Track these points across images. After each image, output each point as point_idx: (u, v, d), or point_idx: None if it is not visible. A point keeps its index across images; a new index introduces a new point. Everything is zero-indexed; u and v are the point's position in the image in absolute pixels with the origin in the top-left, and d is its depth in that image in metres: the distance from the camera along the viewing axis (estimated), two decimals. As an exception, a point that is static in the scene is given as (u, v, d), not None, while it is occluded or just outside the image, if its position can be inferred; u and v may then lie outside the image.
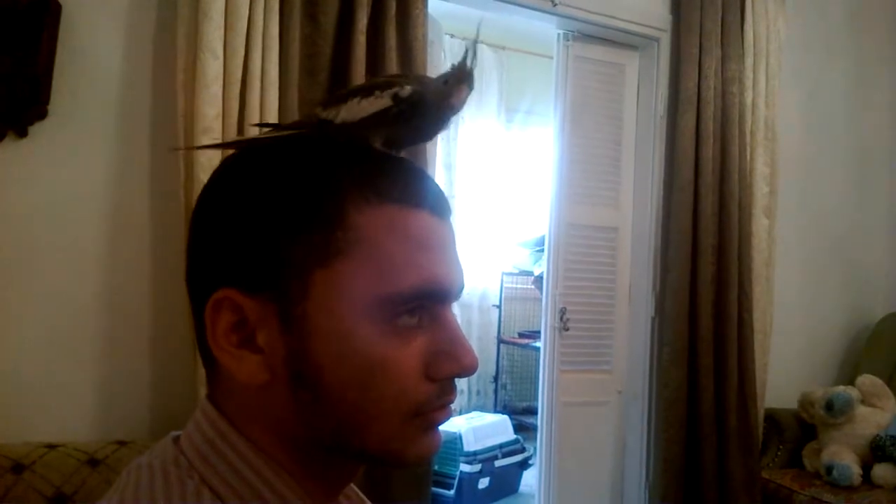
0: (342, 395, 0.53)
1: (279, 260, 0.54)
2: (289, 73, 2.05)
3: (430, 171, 2.40)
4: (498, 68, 5.13)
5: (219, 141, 1.86)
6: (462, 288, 0.60)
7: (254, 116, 1.93)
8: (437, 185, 0.61)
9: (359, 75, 2.12)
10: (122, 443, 1.74)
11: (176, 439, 0.57)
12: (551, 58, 2.96)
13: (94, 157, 1.98)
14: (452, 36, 4.80)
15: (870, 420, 2.83)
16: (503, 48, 5.08)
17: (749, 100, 2.97)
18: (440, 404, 0.57)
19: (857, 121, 3.56)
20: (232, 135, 1.91)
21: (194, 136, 1.87)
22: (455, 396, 0.58)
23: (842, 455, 2.77)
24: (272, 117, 1.96)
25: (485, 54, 5.09)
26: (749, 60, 2.97)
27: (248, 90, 1.94)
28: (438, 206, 0.58)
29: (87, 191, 1.97)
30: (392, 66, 2.20)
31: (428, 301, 0.56)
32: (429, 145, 2.36)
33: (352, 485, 0.65)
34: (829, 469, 2.74)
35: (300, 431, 0.55)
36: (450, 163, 4.84)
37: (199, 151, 1.85)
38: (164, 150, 1.99)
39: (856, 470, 2.71)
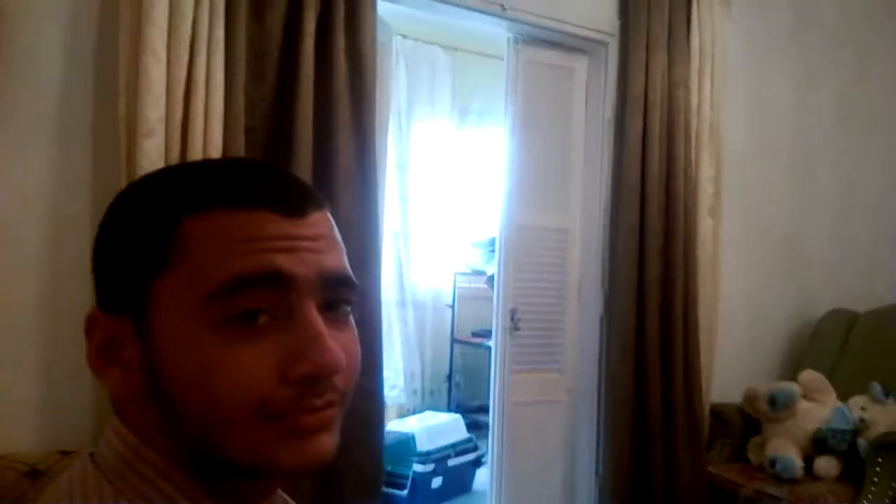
0: (189, 402, 0.53)
1: (126, 278, 0.56)
2: (235, 76, 2.03)
3: (380, 173, 2.39)
4: (451, 69, 5.14)
5: (162, 144, 1.84)
6: (338, 280, 0.57)
7: (198, 120, 1.91)
8: (288, 181, 0.60)
9: (307, 78, 2.12)
10: (65, 453, 1.71)
11: (91, 455, 0.57)
12: (503, 59, 2.98)
13: (34, 159, 1.94)
14: (405, 37, 4.81)
15: (811, 414, 2.91)
16: (456, 49, 5.10)
17: (695, 103, 3.03)
18: (305, 407, 0.54)
19: (800, 123, 3.65)
20: (176, 139, 1.88)
21: (137, 140, 1.84)
22: (328, 399, 0.55)
23: (785, 449, 2.84)
24: (217, 120, 1.95)
25: (438, 55, 5.10)
26: (695, 64, 3.03)
27: (193, 93, 1.92)
28: (284, 202, 0.57)
29: (27, 194, 1.93)
30: (341, 68, 2.19)
31: (259, 288, 0.53)
32: (379, 146, 2.36)
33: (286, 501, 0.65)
34: (773, 462, 2.81)
35: (174, 445, 0.55)
36: (403, 163, 4.84)
37: (143, 156, 1.83)
38: (106, 154, 1.95)
39: (798, 463, 2.78)
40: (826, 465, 2.78)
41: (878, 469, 2.56)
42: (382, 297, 2.44)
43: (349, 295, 0.59)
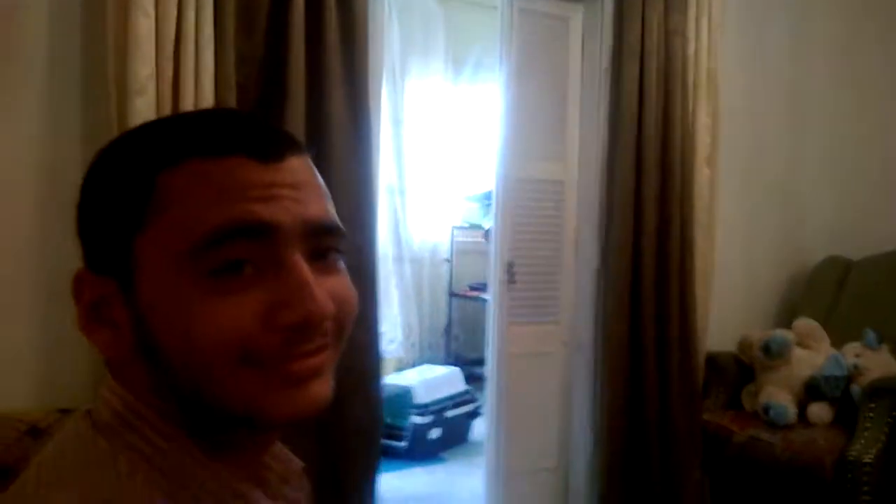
0: (177, 355, 0.53)
1: (108, 237, 0.56)
2: (224, 30, 2.00)
3: (374, 127, 2.37)
4: (444, 21, 5.07)
5: (153, 102, 1.82)
6: (324, 228, 0.57)
7: (189, 76, 1.88)
8: (263, 127, 0.59)
9: (297, 31, 2.09)
10: (64, 411, 1.73)
11: (89, 412, 0.58)
12: (498, 9, 2.94)
13: (24, 120, 1.92)
14: (398, -12, 4.73)
15: (805, 362, 2.94)
16: (449, 0, 5.02)
17: (692, 51, 2.99)
18: (293, 353, 0.54)
19: (795, 71, 3.62)
20: (167, 96, 1.86)
21: (127, 98, 1.82)
22: (318, 344, 0.55)
23: (778, 396, 2.88)
24: (208, 76, 1.93)
25: (431, 7, 5.02)
26: (692, 12, 2.98)
27: (183, 49, 1.90)
28: (259, 147, 0.55)
29: (18, 154, 1.92)
30: (332, 20, 2.16)
31: (242, 239, 0.53)
32: (373, 99, 2.34)
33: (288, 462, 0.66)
34: (767, 409, 2.85)
35: (169, 401, 0.55)
36: (398, 118, 4.80)
37: (134, 114, 1.81)
38: (97, 113, 1.93)
39: (792, 409, 2.83)
40: (819, 411, 2.82)
41: (870, 415, 2.60)
42: (379, 253, 2.44)
43: (336, 243, 0.59)
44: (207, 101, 1.91)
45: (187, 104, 1.90)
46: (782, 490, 2.74)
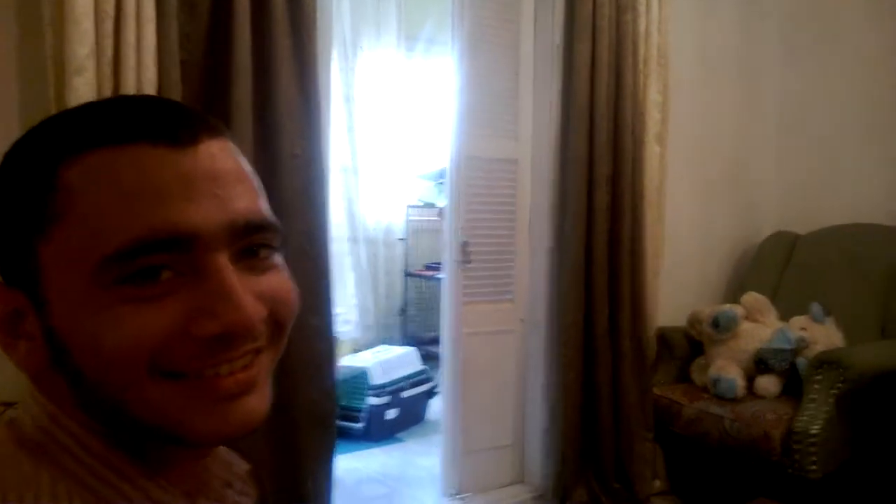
0: (91, 369, 0.49)
1: (12, 244, 0.51)
2: (166, 6, 1.93)
3: (324, 105, 2.33)
4: (396, -5, 5.00)
5: (93, 81, 1.76)
6: (251, 226, 0.52)
7: (130, 54, 1.82)
8: (171, 107, 0.53)
9: (243, 6, 2.02)
10: (8, 404, 1.67)
11: (12, 422, 0.54)
12: (449, -16, 2.90)
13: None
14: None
15: (753, 335, 3.00)
16: (400, -26, 4.95)
17: (642, 27, 3.00)
18: (218, 366, 0.50)
19: (745, 48, 3.66)
20: (108, 75, 1.79)
21: (66, 77, 1.75)
22: (247, 350, 0.51)
23: (727, 369, 2.94)
24: (150, 54, 1.86)
25: (382, -20, 4.94)
26: (643, -13, 2.99)
27: (123, 26, 1.82)
28: (167, 130, 0.50)
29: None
30: (280, 13, 2.10)
31: (157, 251, 0.48)
32: (322, 76, 2.29)
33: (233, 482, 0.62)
34: (716, 382, 2.91)
35: (91, 414, 0.52)
36: (349, 95, 4.73)
37: (73, 94, 1.74)
38: (34, 94, 1.86)
39: (740, 382, 2.88)
40: (767, 384, 2.88)
41: (816, 386, 2.66)
42: (333, 234, 2.41)
43: (269, 238, 0.54)
44: (150, 79, 1.84)
45: (129, 83, 1.84)
46: (732, 461, 2.81)
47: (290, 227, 2.12)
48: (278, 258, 0.56)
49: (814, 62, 3.73)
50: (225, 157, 0.53)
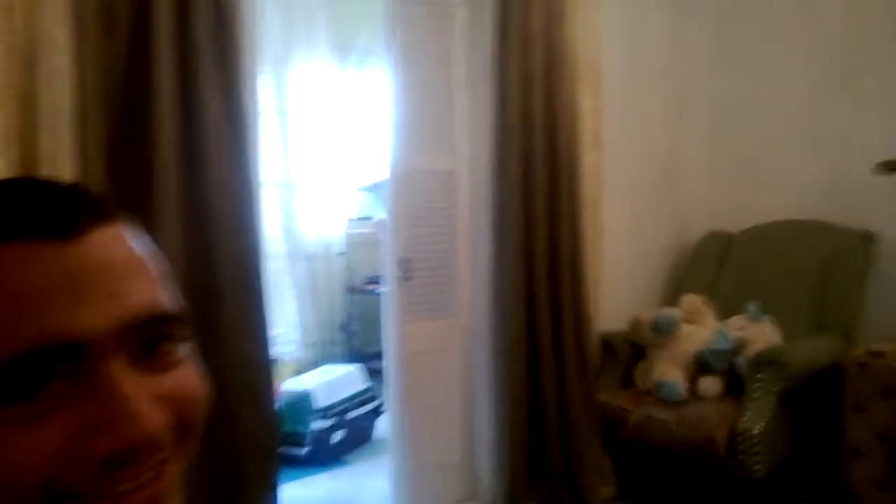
0: None
1: None
2: (83, 31, 1.84)
3: (253, 125, 2.26)
4: (327, 6, 4.92)
5: (4, 114, 1.66)
6: (151, 321, 0.46)
7: (41, 83, 1.73)
8: (50, 193, 0.47)
9: (164, 28, 1.95)
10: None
11: None
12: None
13: None
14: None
15: (693, 337, 3.04)
16: (332, -17, 4.88)
17: (573, 37, 3.01)
18: (117, 486, 0.44)
19: (674, 51, 3.72)
20: (18, 107, 1.70)
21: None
22: (151, 464, 0.45)
23: (670, 372, 2.97)
24: (64, 83, 1.77)
25: (311, -11, 4.87)
26: (571, -5, 3.01)
27: (38, 56, 1.73)
28: (49, 223, 0.44)
29: None
30: (201, 15, 2.03)
31: (41, 364, 0.42)
32: (250, 96, 2.23)
33: None
34: (659, 386, 2.94)
35: None
36: (282, 109, 4.64)
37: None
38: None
39: (683, 385, 2.91)
40: (709, 385, 2.92)
41: (757, 385, 2.71)
42: (270, 252, 2.34)
43: (172, 331, 0.49)
44: (63, 109, 1.76)
45: (44, 113, 1.75)
46: (679, 464, 2.83)
47: (222, 254, 2.05)
48: (186, 350, 0.51)
49: (741, 64, 3.80)
50: (117, 245, 0.47)
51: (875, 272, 3.19)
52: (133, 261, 0.48)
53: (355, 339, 4.97)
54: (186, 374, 0.50)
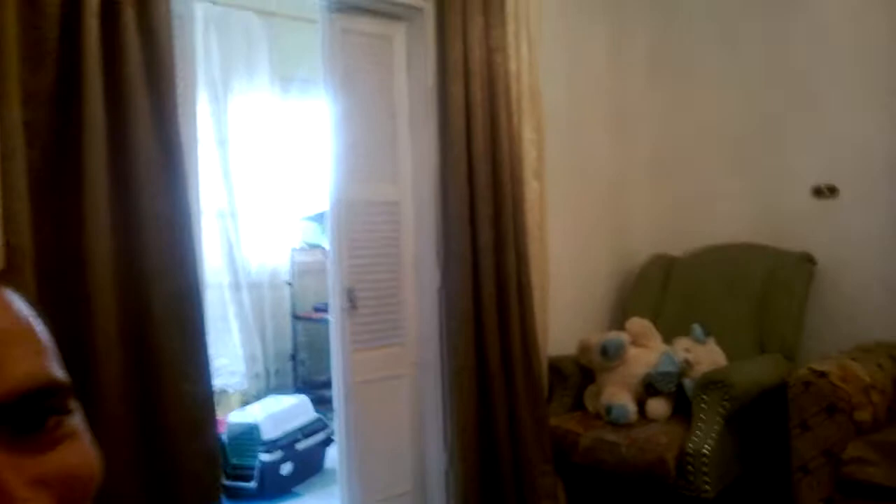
0: None
1: None
2: (6, 61, 1.78)
3: (190, 156, 2.21)
4: (267, 36, 4.89)
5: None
6: (31, 396, 0.43)
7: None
8: None
9: (93, 62, 1.90)
10: None
11: None
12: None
13: None
14: (214, 3, 4.51)
15: (640, 360, 3.06)
16: (272, 14, 4.85)
17: (514, 67, 3.04)
18: None
19: (614, 80, 3.79)
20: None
21: None
22: None
23: (618, 395, 2.98)
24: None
25: (252, 21, 4.84)
26: (511, 28, 3.03)
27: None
28: None
29: None
30: (133, 48, 1.98)
31: None
32: (186, 128, 2.18)
33: None
34: (609, 409, 2.94)
35: None
36: (223, 139, 4.58)
37: None
38: None
39: (632, 408, 2.93)
40: (657, 407, 2.94)
41: (703, 406, 2.74)
42: (212, 282, 2.28)
43: (57, 403, 0.46)
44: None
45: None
46: (631, 487, 2.84)
47: (159, 292, 1.99)
48: (73, 422, 0.47)
49: (679, 92, 3.89)
50: None
51: (813, 293, 3.28)
52: (15, 330, 0.45)
53: (303, 368, 4.89)
54: (73, 451, 0.46)
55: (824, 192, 3.41)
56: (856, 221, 3.33)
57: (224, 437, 3.41)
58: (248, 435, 3.40)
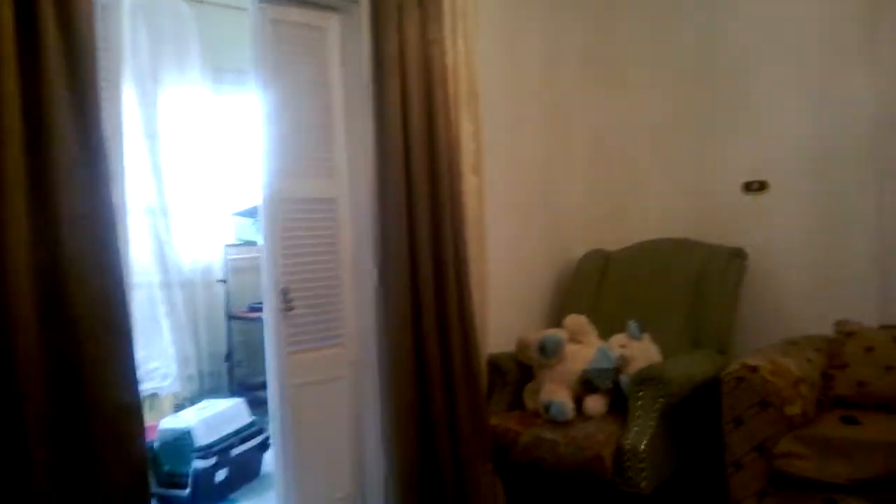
0: None
1: None
2: None
3: (114, 153, 2.11)
4: (198, 25, 4.73)
5: None
6: None
7: None
8: None
9: (7, 56, 1.79)
10: None
11: None
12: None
13: None
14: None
15: (578, 357, 3.07)
16: (201, 2, 4.70)
17: (451, 61, 3.00)
18: None
19: (550, 76, 3.80)
20: None
21: None
22: None
23: (557, 392, 2.98)
24: None
25: (181, 9, 4.67)
26: (448, 22, 3.00)
27: None
28: None
29: None
30: (50, 40, 1.87)
31: None
32: (109, 123, 2.08)
33: None
34: (547, 407, 2.94)
35: None
36: (152, 132, 4.42)
37: None
38: None
39: (570, 405, 2.93)
40: (594, 403, 2.95)
41: (639, 403, 2.76)
42: (143, 281, 2.18)
43: None
44: None
45: None
46: (570, 484, 2.84)
47: (80, 295, 1.89)
48: None
49: (613, 88, 3.92)
50: None
51: (744, 287, 3.34)
52: None
53: (239, 370, 4.77)
54: None
55: (755, 187, 3.48)
56: (785, 216, 3.42)
57: (155, 444, 3.29)
58: (181, 441, 3.29)
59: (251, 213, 4.55)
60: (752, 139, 3.50)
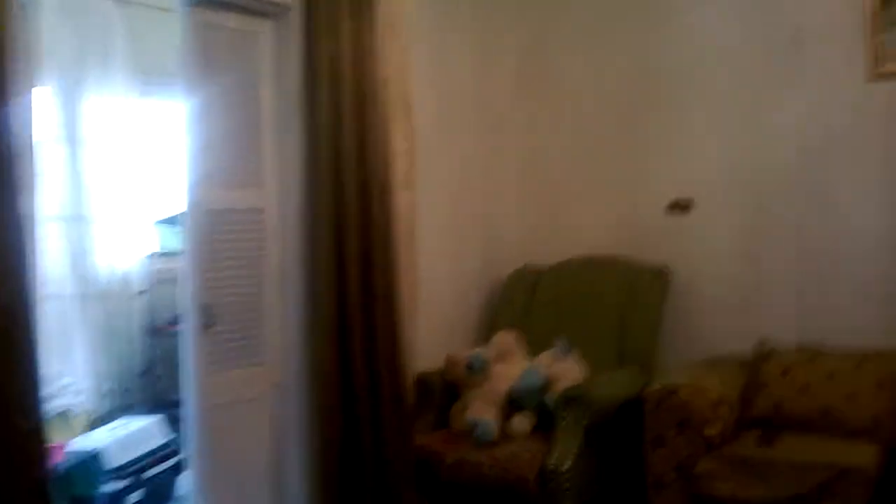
0: None
1: None
2: None
3: (26, 160, 2.00)
4: (125, 27, 4.56)
5: None
6: None
7: None
8: None
9: None
10: None
11: None
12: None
13: None
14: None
15: (505, 375, 3.06)
16: (129, 3, 4.53)
17: (384, 74, 2.97)
18: None
19: (483, 89, 3.80)
20: None
21: None
22: None
23: (483, 412, 2.96)
24: None
25: (110, 11, 4.50)
26: (381, 33, 2.96)
27: None
28: None
29: None
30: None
31: None
32: (22, 129, 1.97)
33: None
34: (473, 427, 2.92)
35: None
36: (73, 138, 4.23)
37: None
38: None
39: (495, 424, 2.91)
40: (518, 423, 2.95)
41: (564, 422, 2.77)
42: (56, 292, 2.06)
43: None
44: None
45: None
46: (495, 505, 2.82)
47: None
48: None
49: (544, 101, 3.93)
50: None
51: (669, 305, 3.39)
52: None
53: (159, 385, 4.58)
54: None
55: (681, 205, 3.54)
56: (710, 235, 3.48)
57: (63, 467, 3.12)
58: (91, 463, 3.13)
59: (175, 222, 4.40)
60: (681, 159, 3.56)
